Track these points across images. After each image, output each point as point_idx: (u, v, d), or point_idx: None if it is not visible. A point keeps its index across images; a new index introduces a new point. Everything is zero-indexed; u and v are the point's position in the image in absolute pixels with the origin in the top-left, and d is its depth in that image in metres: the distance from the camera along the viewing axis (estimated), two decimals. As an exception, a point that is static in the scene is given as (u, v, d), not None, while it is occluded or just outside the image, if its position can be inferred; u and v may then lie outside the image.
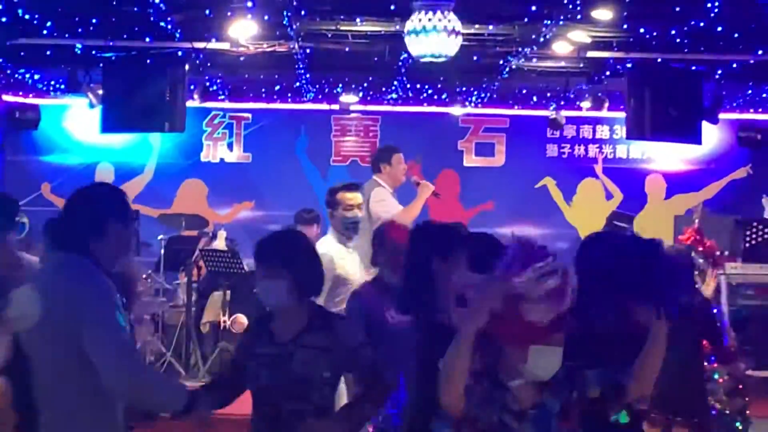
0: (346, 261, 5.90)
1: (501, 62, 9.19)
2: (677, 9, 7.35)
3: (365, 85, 10.75)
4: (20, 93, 11.47)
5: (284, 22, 7.77)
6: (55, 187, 11.64)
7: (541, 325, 2.72)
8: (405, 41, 6.92)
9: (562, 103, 11.11)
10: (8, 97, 11.57)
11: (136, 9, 7.55)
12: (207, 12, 7.73)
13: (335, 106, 11.64)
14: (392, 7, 7.40)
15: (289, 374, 3.51)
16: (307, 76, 10.03)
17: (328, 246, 5.85)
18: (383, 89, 10.95)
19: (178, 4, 7.54)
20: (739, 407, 5.93)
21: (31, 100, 11.64)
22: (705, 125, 9.25)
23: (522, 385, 2.83)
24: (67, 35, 8.29)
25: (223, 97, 11.43)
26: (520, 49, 8.60)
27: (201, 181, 12.11)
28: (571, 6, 7.24)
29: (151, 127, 9.22)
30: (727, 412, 5.85)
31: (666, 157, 12.19)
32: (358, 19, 7.93)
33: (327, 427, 3.51)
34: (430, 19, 6.65)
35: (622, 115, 9.73)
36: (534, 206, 12.03)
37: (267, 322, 3.67)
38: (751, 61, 8.75)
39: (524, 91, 10.98)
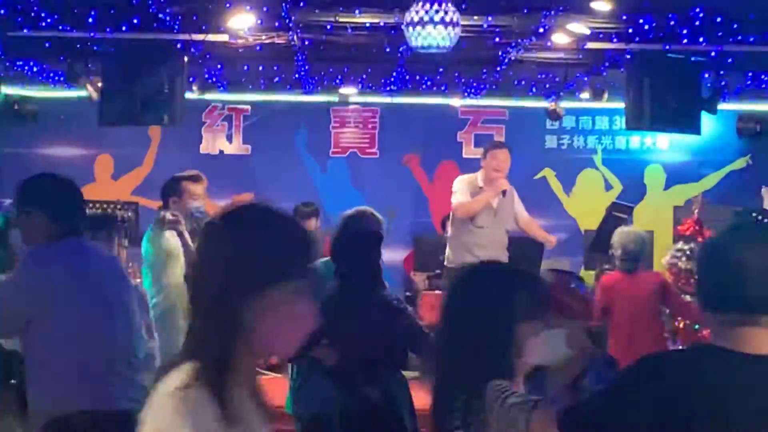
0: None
1: (500, 53, 9.17)
2: (676, -1, 7.36)
3: (364, 76, 10.73)
4: (19, 85, 11.46)
5: (283, 14, 7.76)
6: (55, 180, 11.60)
7: None
8: (404, 32, 6.91)
9: (561, 94, 11.09)
10: (7, 89, 11.55)
11: (134, 1, 7.54)
12: (206, 4, 7.73)
13: (334, 98, 11.62)
14: (391, -1, 7.41)
15: None
16: (306, 67, 10.02)
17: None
18: (382, 81, 10.93)
19: (176, -5, 7.54)
20: None
21: (29, 92, 11.63)
22: (704, 116, 9.24)
23: None
24: (66, 27, 8.27)
25: (221, 89, 11.42)
26: (519, 40, 8.59)
27: (200, 173, 12.07)
28: (570, -3, 7.25)
29: (150, 119, 9.19)
30: None
31: (665, 147, 12.19)
32: (357, 11, 7.91)
33: None
34: (427, 11, 6.65)
35: (621, 105, 9.71)
36: (533, 197, 11.94)
37: None
38: (750, 51, 8.74)
39: (523, 83, 10.96)
